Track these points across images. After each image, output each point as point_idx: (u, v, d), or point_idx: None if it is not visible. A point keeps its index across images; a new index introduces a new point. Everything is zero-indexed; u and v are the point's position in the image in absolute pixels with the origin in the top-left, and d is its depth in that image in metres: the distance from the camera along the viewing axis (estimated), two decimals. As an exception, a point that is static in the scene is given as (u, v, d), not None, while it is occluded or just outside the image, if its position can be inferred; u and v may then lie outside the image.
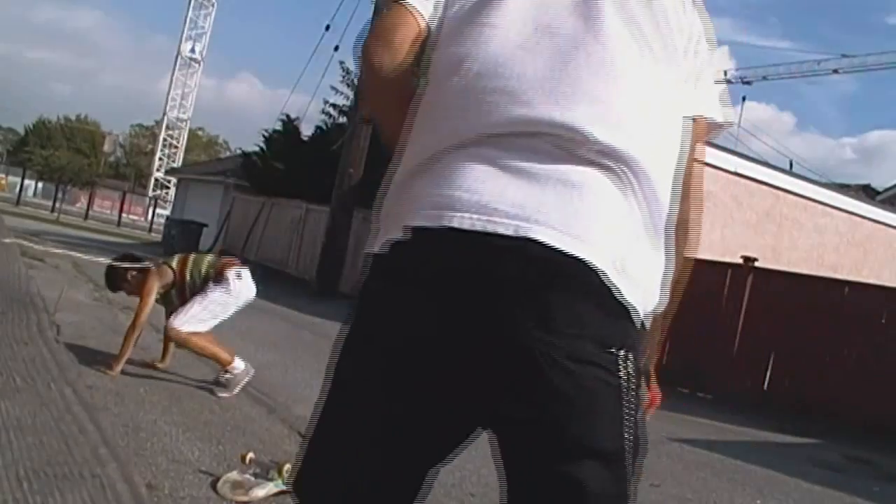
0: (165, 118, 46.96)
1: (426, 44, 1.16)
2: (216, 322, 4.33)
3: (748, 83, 40.20)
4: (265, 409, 4.19)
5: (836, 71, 36.95)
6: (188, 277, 4.37)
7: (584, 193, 1.00)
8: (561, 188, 1.00)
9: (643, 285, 1.05)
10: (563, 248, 0.95)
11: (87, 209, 31.38)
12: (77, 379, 3.44)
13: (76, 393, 2.99)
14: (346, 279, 12.96)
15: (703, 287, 8.76)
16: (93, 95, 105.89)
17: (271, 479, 2.91)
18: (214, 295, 4.29)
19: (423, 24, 1.15)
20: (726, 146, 10.81)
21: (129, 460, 2.57)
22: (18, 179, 36.54)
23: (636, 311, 1.03)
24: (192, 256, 4.52)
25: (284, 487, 2.89)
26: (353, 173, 12.38)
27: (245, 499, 2.78)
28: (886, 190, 18.25)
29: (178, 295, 4.36)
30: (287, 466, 2.98)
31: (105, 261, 5.49)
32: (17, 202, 29.07)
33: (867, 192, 18.09)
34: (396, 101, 1.17)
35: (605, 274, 0.97)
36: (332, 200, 12.64)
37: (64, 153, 49.38)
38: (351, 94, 16.40)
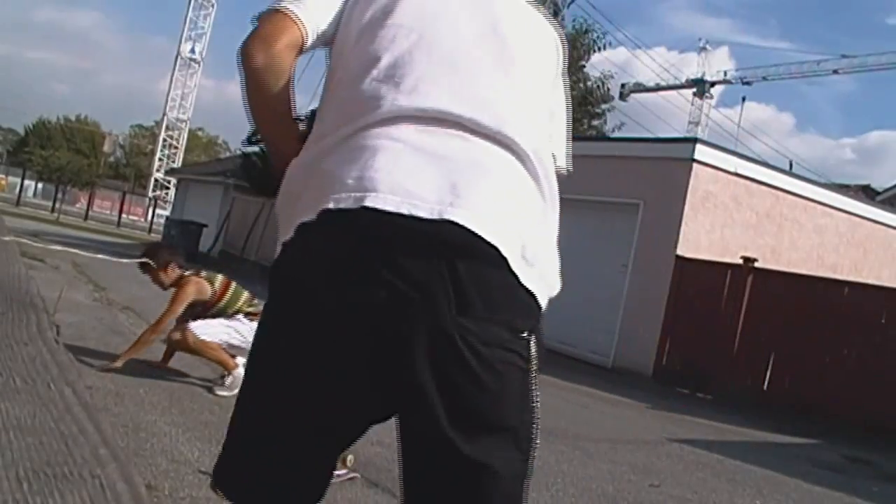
0: (165, 118, 46.96)
1: (304, 51, 1.18)
2: (226, 343, 4.33)
3: (748, 83, 40.24)
4: (265, 410, 4.18)
5: (835, 71, 37.00)
6: (222, 303, 4.36)
7: (496, 177, 1.03)
8: (475, 171, 1.02)
9: (546, 270, 1.06)
10: (482, 234, 0.96)
11: (87, 209, 31.38)
12: (77, 379, 3.43)
13: (76, 393, 2.98)
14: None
15: (703, 287, 8.77)
16: (93, 95, 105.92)
17: None
18: (241, 326, 4.30)
19: (303, 33, 1.15)
20: (726, 146, 10.82)
21: (129, 460, 2.56)
22: (18, 180, 36.53)
23: (541, 296, 1.04)
24: (233, 285, 4.47)
25: None
26: (353, 173, 12.37)
27: None
28: (886, 190, 18.25)
29: (201, 313, 4.35)
30: None
31: (105, 258, 5.49)
32: (17, 202, 29.06)
33: (867, 193, 18.09)
34: (276, 109, 1.16)
35: (515, 260, 0.99)
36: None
37: (64, 153, 49.36)
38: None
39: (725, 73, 41.70)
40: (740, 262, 8.62)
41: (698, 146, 9.38)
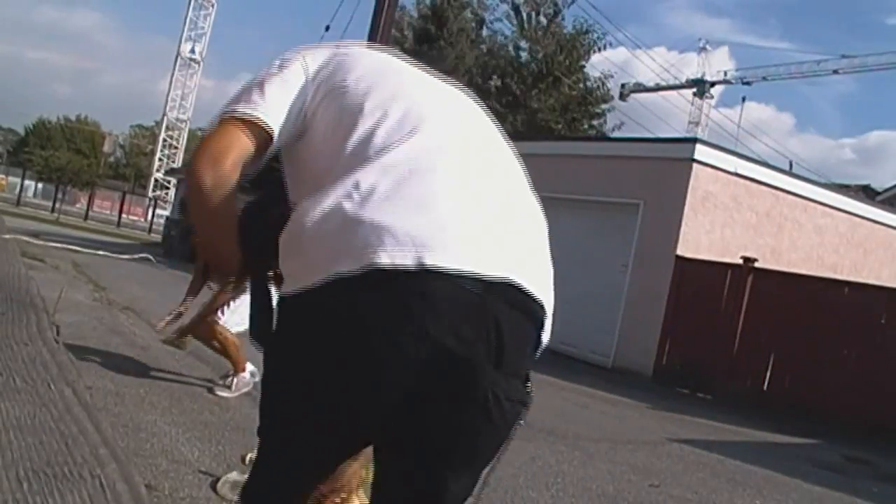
0: (165, 118, 46.94)
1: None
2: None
3: (748, 83, 40.23)
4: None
5: (835, 71, 36.99)
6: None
7: (536, 237, 1.14)
8: (522, 237, 1.10)
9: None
10: (534, 294, 1.04)
11: (87, 209, 31.37)
12: (77, 379, 3.43)
13: (76, 393, 2.98)
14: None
15: (703, 287, 8.77)
16: (93, 96, 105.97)
17: None
18: None
19: (259, 139, 1.15)
20: (726, 146, 10.82)
21: (129, 460, 2.56)
22: (18, 180, 36.53)
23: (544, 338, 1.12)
24: None
25: None
26: (353, 174, 12.38)
27: None
28: (886, 190, 18.25)
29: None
30: None
31: (104, 254, 5.47)
32: (17, 203, 29.06)
33: (867, 193, 18.09)
34: (217, 220, 1.18)
35: (547, 319, 1.07)
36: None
37: (64, 153, 49.37)
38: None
39: (725, 73, 41.70)
40: (740, 262, 8.62)
41: (698, 146, 9.38)
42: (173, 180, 35.84)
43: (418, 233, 0.98)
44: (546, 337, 1.09)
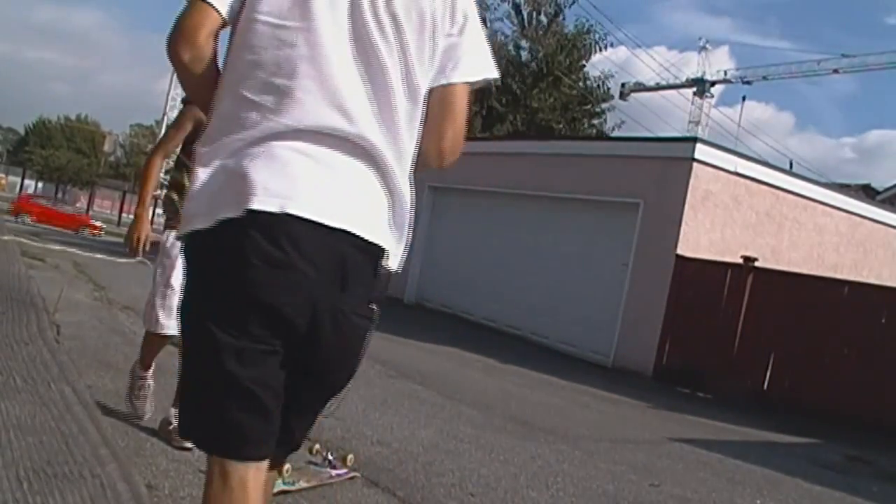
0: (165, 118, 46.89)
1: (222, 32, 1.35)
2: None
3: (748, 83, 40.23)
4: (265, 409, 4.18)
5: (836, 71, 36.98)
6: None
7: (370, 187, 1.33)
8: (357, 182, 1.32)
9: (396, 255, 1.39)
10: (368, 238, 1.31)
11: (87, 209, 31.37)
12: (77, 379, 3.43)
13: (76, 393, 2.98)
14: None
15: (704, 287, 8.77)
16: (93, 95, 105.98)
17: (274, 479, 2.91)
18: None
19: (223, 17, 1.32)
20: (726, 145, 10.82)
21: (129, 460, 2.56)
22: (18, 179, 36.54)
23: (391, 262, 1.38)
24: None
25: (284, 487, 2.89)
26: (353, 173, 12.38)
27: None
28: (886, 190, 18.26)
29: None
30: (287, 466, 2.98)
31: (102, 257, 5.47)
32: (17, 202, 29.03)
33: (867, 192, 18.08)
34: (207, 87, 1.36)
35: (383, 252, 1.34)
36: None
37: (64, 153, 49.35)
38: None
39: (725, 73, 41.70)
40: (740, 261, 8.62)
41: (698, 145, 9.38)
42: (173, 180, 35.73)
43: (281, 188, 1.24)
44: (394, 264, 1.38)
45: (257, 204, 1.23)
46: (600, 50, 19.03)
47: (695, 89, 40.47)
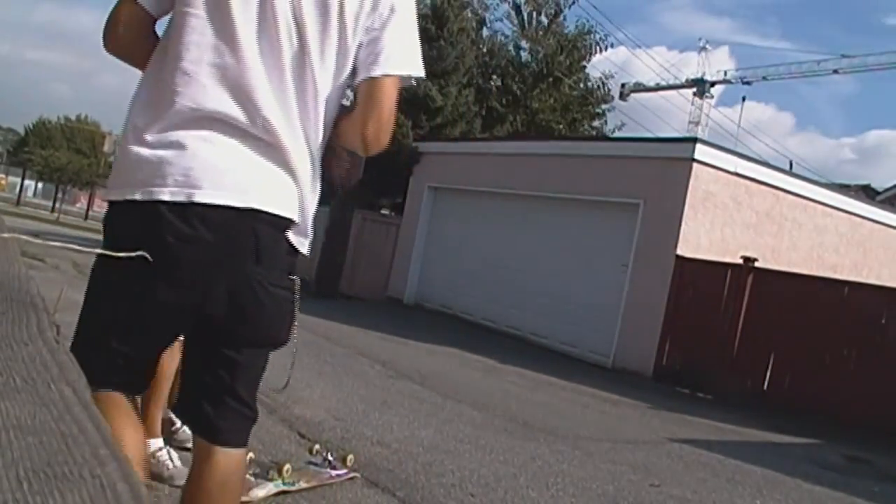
0: (165, 118, 46.89)
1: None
2: None
3: (748, 83, 40.26)
4: (265, 409, 4.19)
5: (835, 71, 37.00)
6: None
7: (273, 168, 1.41)
8: (260, 164, 1.39)
9: (306, 231, 1.49)
10: (276, 212, 1.39)
11: (88, 209, 31.39)
12: (77, 379, 3.42)
13: (76, 393, 2.97)
14: (345, 279, 12.97)
15: (703, 287, 8.77)
16: (93, 95, 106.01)
17: (271, 480, 2.91)
18: None
19: (144, 9, 1.44)
20: (726, 146, 10.82)
21: (129, 460, 2.55)
22: (18, 179, 36.55)
23: (300, 248, 1.48)
24: None
25: (284, 487, 2.89)
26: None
27: (245, 499, 2.78)
28: (886, 190, 18.25)
29: None
30: (287, 466, 2.98)
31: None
32: (17, 202, 29.08)
33: (867, 192, 18.07)
34: (141, 62, 1.49)
35: (291, 223, 1.43)
36: (331, 200, 12.64)
37: (64, 153, 49.29)
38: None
39: (725, 73, 41.72)
40: (740, 261, 8.62)
41: (698, 146, 9.38)
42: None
43: (189, 177, 1.33)
44: (303, 249, 1.48)
45: (168, 196, 1.33)
46: (601, 50, 19.03)
47: (695, 90, 40.49)
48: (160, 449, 2.84)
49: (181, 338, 1.57)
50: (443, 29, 15.82)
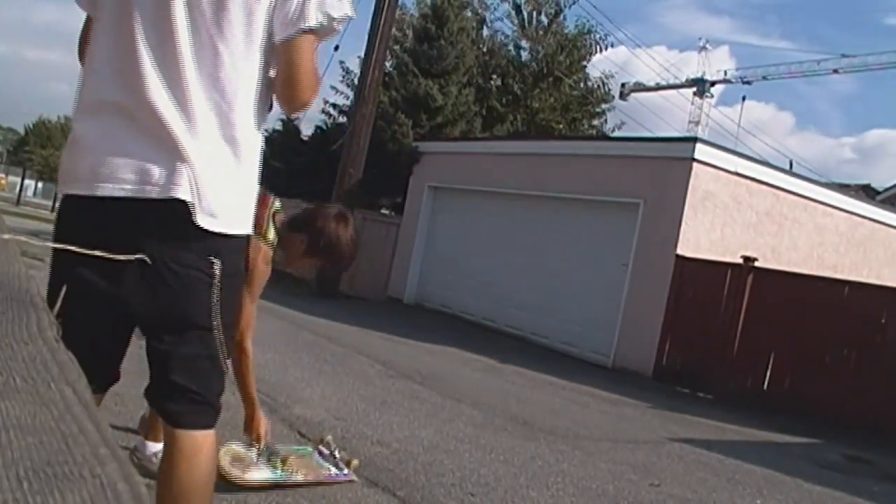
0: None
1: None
2: None
3: (748, 83, 40.31)
4: (265, 409, 4.18)
5: (835, 71, 37.04)
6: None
7: (161, 151, 1.44)
8: (168, 150, 1.43)
9: (223, 213, 1.47)
10: (169, 196, 1.42)
11: (87, 209, 31.32)
12: (77, 379, 3.42)
13: (76, 393, 2.97)
14: (345, 279, 12.96)
15: (704, 287, 8.77)
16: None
17: (275, 467, 2.91)
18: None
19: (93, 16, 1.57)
20: (726, 145, 10.81)
21: (129, 460, 2.57)
22: (18, 179, 36.51)
23: (211, 227, 1.46)
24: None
25: (281, 479, 2.89)
26: (353, 173, 12.38)
27: (239, 475, 2.77)
28: (886, 190, 18.26)
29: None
30: (291, 459, 2.98)
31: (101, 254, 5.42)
32: (17, 202, 29.06)
33: (867, 192, 18.08)
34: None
35: (197, 214, 1.44)
36: (331, 200, 12.64)
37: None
38: (351, 94, 16.40)
39: (725, 73, 41.75)
40: (740, 261, 8.62)
41: (698, 145, 9.37)
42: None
43: (74, 172, 1.47)
44: (207, 224, 1.45)
45: (77, 190, 1.47)
46: (601, 50, 19.03)
47: (695, 89, 40.51)
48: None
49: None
50: (443, 29, 15.82)
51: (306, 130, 17.97)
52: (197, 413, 1.59)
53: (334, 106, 17.87)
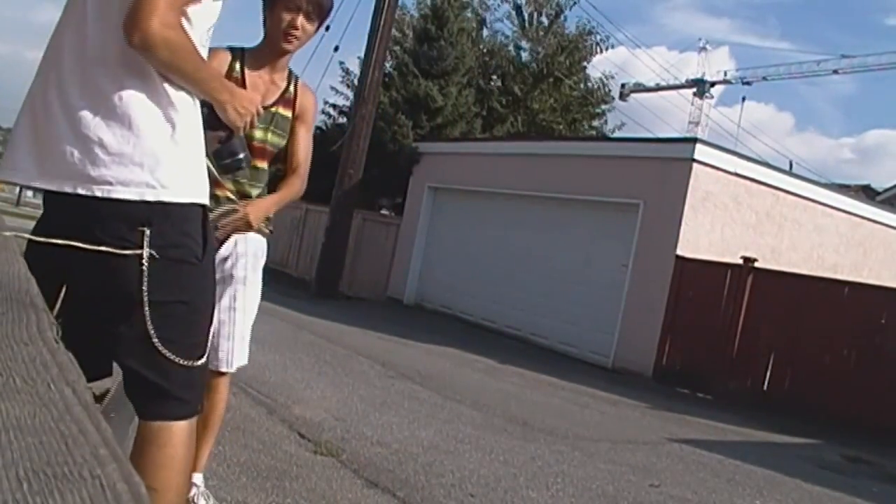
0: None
1: None
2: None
3: (748, 84, 40.30)
4: (265, 410, 4.19)
5: (835, 71, 37.03)
6: None
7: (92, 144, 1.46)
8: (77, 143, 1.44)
9: (136, 180, 1.43)
10: (76, 192, 1.42)
11: (87, 209, 31.35)
12: (77, 379, 3.43)
13: (76, 393, 2.98)
14: (345, 280, 12.96)
15: (703, 287, 8.77)
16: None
17: None
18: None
19: None
20: (726, 146, 10.81)
21: (129, 460, 2.55)
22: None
23: (132, 196, 1.42)
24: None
25: None
26: (353, 173, 12.38)
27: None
28: (886, 190, 18.25)
29: None
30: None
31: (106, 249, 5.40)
32: (17, 202, 29.08)
33: (867, 193, 18.07)
34: None
35: (107, 192, 1.42)
36: (332, 200, 12.65)
37: (64, 153, 49.27)
38: (351, 95, 16.41)
39: (725, 73, 41.76)
40: (740, 262, 8.62)
41: (698, 146, 9.38)
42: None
43: (35, 163, 1.47)
44: (127, 195, 1.42)
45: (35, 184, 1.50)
46: (601, 51, 19.04)
47: (694, 90, 40.52)
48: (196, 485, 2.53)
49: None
50: (443, 29, 15.82)
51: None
52: (160, 403, 1.52)
53: (334, 106, 17.90)
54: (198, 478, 2.53)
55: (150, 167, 1.43)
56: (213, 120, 1.68)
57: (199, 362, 1.57)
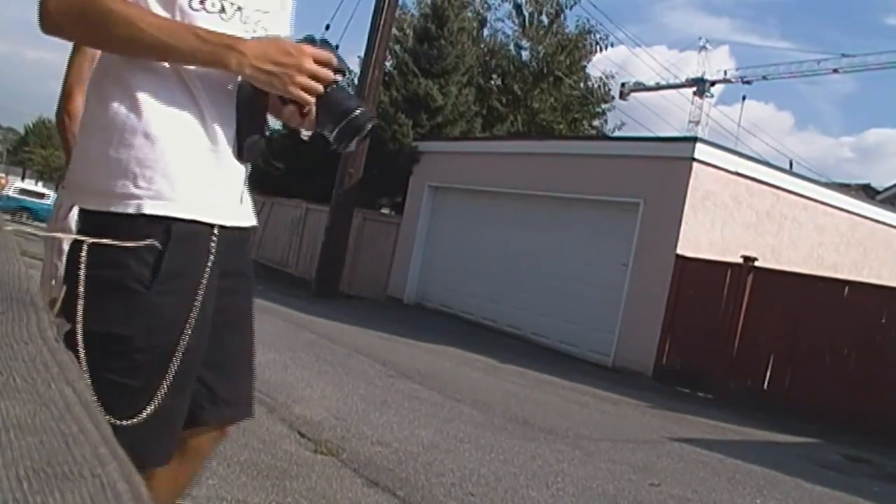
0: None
1: None
2: None
3: (748, 83, 40.29)
4: (265, 409, 4.19)
5: (835, 71, 37.02)
6: None
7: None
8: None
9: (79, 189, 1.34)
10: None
11: (87, 209, 31.35)
12: (77, 378, 3.42)
13: (76, 392, 2.98)
14: (345, 279, 12.96)
15: (704, 286, 8.77)
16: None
17: None
18: None
19: None
20: (726, 145, 10.81)
21: (129, 460, 2.55)
22: (18, 179, 36.55)
23: (83, 206, 1.30)
24: None
25: None
26: (353, 173, 12.38)
27: None
28: (886, 190, 18.25)
29: None
30: None
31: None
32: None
33: (867, 192, 18.07)
34: None
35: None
36: (332, 200, 12.65)
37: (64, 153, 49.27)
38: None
39: (725, 73, 41.75)
40: (740, 261, 8.62)
41: (698, 145, 9.37)
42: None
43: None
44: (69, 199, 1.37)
45: None
46: (601, 50, 19.03)
47: (695, 89, 40.49)
48: None
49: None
50: (443, 28, 15.81)
51: (307, 131, 17.93)
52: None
53: (334, 106, 17.82)
54: None
55: (94, 173, 1.31)
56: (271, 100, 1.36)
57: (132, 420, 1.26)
